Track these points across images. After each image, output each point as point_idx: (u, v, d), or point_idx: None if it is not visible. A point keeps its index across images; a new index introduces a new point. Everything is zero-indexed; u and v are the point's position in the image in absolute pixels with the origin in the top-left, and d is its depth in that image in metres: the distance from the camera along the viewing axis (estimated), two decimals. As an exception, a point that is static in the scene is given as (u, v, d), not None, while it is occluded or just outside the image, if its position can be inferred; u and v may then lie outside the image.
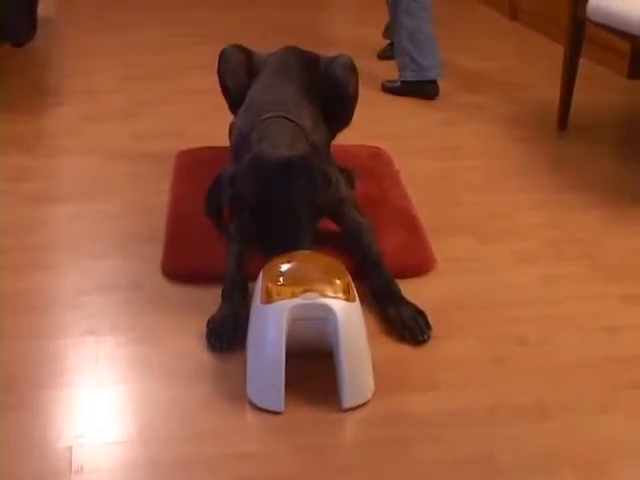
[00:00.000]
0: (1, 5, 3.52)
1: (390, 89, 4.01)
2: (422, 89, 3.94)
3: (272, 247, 2.14)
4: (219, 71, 3.01)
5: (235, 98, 2.93)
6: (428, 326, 2.14)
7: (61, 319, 2.21)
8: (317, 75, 2.91)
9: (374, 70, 4.20)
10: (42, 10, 4.15)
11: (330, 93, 2.88)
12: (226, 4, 5.88)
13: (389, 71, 4.39)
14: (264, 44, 3.26)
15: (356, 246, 2.39)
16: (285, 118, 2.50)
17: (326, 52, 3.20)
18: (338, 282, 1.92)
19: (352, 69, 2.96)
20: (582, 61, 3.54)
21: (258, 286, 1.96)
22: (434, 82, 3.93)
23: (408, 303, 2.20)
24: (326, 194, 2.31)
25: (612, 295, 2.36)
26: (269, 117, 2.49)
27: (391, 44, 4.34)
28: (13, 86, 4.03)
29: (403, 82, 3.96)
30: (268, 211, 2.20)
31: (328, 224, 2.46)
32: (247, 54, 3.04)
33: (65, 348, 2.08)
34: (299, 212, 2.21)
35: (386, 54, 4.54)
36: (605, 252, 2.59)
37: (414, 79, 3.91)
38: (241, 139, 2.55)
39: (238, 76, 2.97)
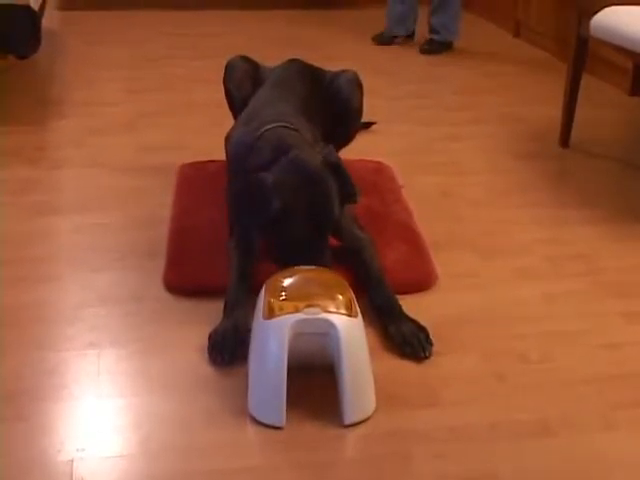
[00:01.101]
0: (5, 18, 3.53)
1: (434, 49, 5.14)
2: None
3: (291, 259, 2.14)
4: (225, 81, 3.03)
5: (240, 109, 2.93)
6: (429, 342, 2.13)
7: (62, 332, 2.20)
8: (321, 89, 2.91)
9: (377, 85, 4.21)
10: (46, 22, 4.16)
11: (334, 107, 2.89)
12: (230, 18, 5.91)
13: (392, 86, 4.41)
14: (268, 58, 3.27)
15: (357, 262, 2.39)
16: (288, 128, 2.49)
17: (330, 66, 3.21)
18: (340, 297, 1.92)
19: (357, 84, 2.96)
20: (586, 77, 3.55)
21: (260, 301, 1.96)
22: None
23: (409, 319, 2.19)
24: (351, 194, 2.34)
25: (613, 312, 2.36)
26: (273, 126, 2.48)
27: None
28: (16, 98, 4.04)
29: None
30: (299, 215, 2.19)
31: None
32: (253, 65, 3.06)
33: (66, 361, 2.08)
34: (329, 218, 2.22)
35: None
36: (606, 269, 2.59)
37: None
38: (243, 149, 2.53)
39: (243, 87, 2.97)
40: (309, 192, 2.21)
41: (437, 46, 5.18)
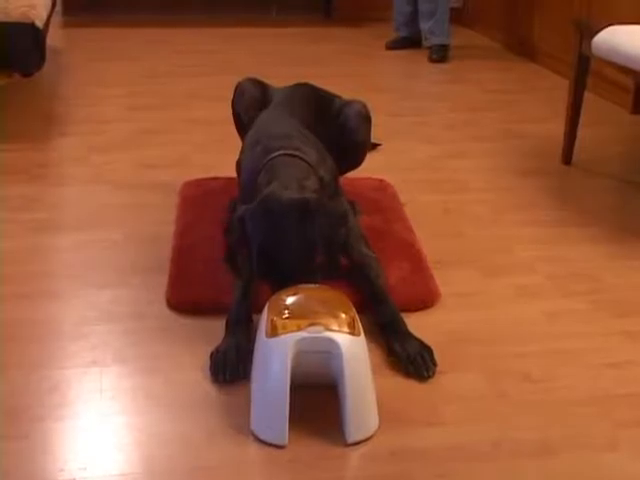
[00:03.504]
0: (10, 36, 3.55)
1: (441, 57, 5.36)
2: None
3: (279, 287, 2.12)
4: (233, 104, 3.03)
5: (247, 132, 2.92)
6: (433, 362, 2.12)
7: (64, 349, 2.20)
8: (328, 116, 2.90)
9: (378, 102, 4.21)
10: (50, 40, 4.17)
11: (340, 137, 2.87)
12: (233, 35, 5.93)
13: (395, 104, 4.42)
14: (271, 76, 3.28)
15: (362, 279, 2.39)
16: (292, 156, 2.48)
17: (333, 83, 3.23)
18: (343, 316, 1.92)
19: (365, 116, 2.94)
20: (587, 95, 3.56)
21: (263, 319, 1.96)
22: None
23: (414, 338, 2.19)
24: (338, 234, 2.28)
25: (616, 330, 2.35)
26: (276, 155, 2.45)
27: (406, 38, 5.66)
28: (20, 115, 4.05)
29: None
30: (277, 253, 2.16)
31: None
32: (262, 88, 3.06)
33: (68, 378, 2.07)
34: (308, 254, 2.18)
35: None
36: (609, 287, 2.59)
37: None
38: (249, 178, 2.51)
39: (251, 111, 2.96)
40: (270, 227, 2.18)
41: (440, 51, 5.39)
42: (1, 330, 2.26)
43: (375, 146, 3.58)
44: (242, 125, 2.99)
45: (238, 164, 2.83)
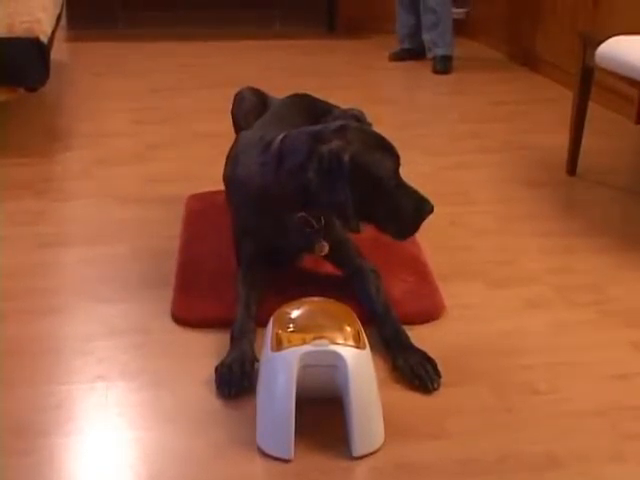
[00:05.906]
0: (15, 51, 3.56)
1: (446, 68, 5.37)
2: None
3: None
4: (233, 111, 3.04)
5: None
6: (438, 374, 2.12)
7: (70, 364, 2.20)
8: None
9: (383, 113, 4.22)
10: (54, 54, 4.18)
11: None
12: (236, 49, 5.94)
13: (399, 115, 4.42)
14: (275, 88, 3.28)
15: (362, 293, 2.39)
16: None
17: (336, 95, 3.22)
18: (348, 329, 1.91)
19: (363, 123, 2.95)
20: (592, 105, 3.56)
21: (268, 333, 1.96)
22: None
23: (417, 351, 2.18)
24: None
25: (623, 342, 2.35)
26: (286, 133, 2.44)
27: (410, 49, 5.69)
28: (25, 130, 4.06)
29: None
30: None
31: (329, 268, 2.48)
32: (261, 97, 3.07)
33: (74, 394, 2.07)
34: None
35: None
36: (616, 298, 2.59)
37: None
38: (258, 167, 2.45)
39: (250, 119, 2.98)
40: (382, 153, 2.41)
41: (443, 62, 5.40)
42: (6, 346, 2.27)
43: None
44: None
45: (225, 177, 2.78)
